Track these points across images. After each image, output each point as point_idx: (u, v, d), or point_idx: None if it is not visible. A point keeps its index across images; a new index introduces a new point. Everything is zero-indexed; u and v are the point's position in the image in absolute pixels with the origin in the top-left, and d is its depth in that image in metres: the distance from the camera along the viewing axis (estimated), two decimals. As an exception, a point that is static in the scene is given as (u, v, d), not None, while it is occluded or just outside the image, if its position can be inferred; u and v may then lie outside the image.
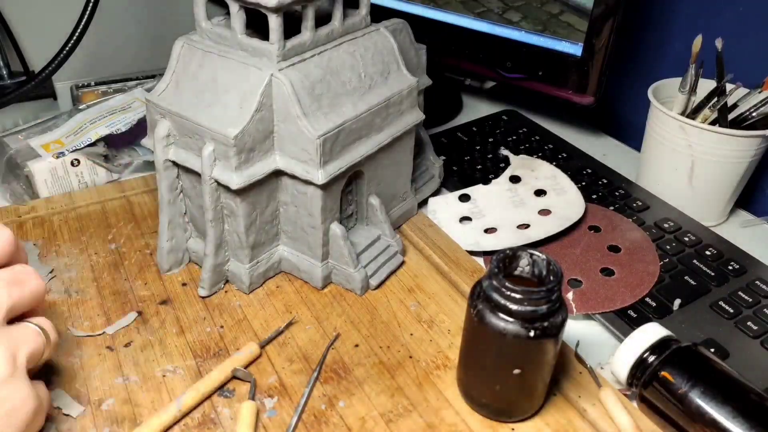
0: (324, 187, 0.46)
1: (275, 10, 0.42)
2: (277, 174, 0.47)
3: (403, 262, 0.54)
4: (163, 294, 0.50)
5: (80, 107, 0.67)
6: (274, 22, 0.43)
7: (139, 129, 0.64)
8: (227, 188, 0.45)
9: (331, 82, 0.46)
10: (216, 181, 0.45)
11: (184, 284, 0.51)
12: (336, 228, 0.49)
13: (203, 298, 0.49)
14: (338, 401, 0.42)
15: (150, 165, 0.64)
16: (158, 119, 0.47)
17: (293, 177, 0.46)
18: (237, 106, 0.44)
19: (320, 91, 0.45)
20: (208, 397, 0.41)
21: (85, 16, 0.62)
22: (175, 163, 0.48)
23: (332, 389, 0.43)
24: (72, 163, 0.60)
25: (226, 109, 0.44)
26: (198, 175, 0.46)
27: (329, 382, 0.43)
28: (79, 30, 0.62)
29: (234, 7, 0.44)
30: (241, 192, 0.45)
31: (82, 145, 0.61)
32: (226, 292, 0.50)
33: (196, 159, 0.46)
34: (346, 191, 0.50)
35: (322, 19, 0.47)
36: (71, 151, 0.60)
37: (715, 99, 0.58)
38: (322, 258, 0.50)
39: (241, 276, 0.50)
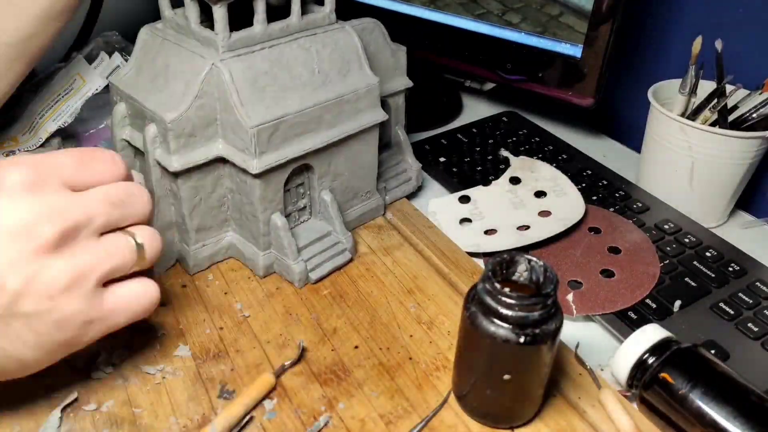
0: (261, 177, 0.47)
1: (215, 1, 0.44)
2: (223, 161, 0.48)
3: (351, 260, 0.54)
4: (162, 296, 0.50)
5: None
6: (218, 13, 0.44)
7: (91, 114, 0.62)
8: (167, 170, 0.46)
9: (278, 75, 0.47)
10: (157, 162, 0.47)
11: (183, 286, 0.51)
12: (277, 219, 0.50)
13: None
14: (338, 403, 0.42)
15: None
16: (117, 101, 0.50)
17: (234, 165, 0.48)
18: (180, 93, 0.46)
19: (264, 83, 0.46)
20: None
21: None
22: (129, 144, 0.50)
23: (332, 391, 0.43)
24: None
25: (172, 95, 0.46)
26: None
27: (329, 384, 0.43)
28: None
29: None
30: (181, 175, 0.47)
31: (34, 147, 0.59)
32: (225, 293, 0.50)
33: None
34: (297, 184, 0.51)
35: (287, 13, 0.48)
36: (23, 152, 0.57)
37: (715, 100, 0.58)
38: (264, 247, 0.51)
39: (185, 256, 0.51)
